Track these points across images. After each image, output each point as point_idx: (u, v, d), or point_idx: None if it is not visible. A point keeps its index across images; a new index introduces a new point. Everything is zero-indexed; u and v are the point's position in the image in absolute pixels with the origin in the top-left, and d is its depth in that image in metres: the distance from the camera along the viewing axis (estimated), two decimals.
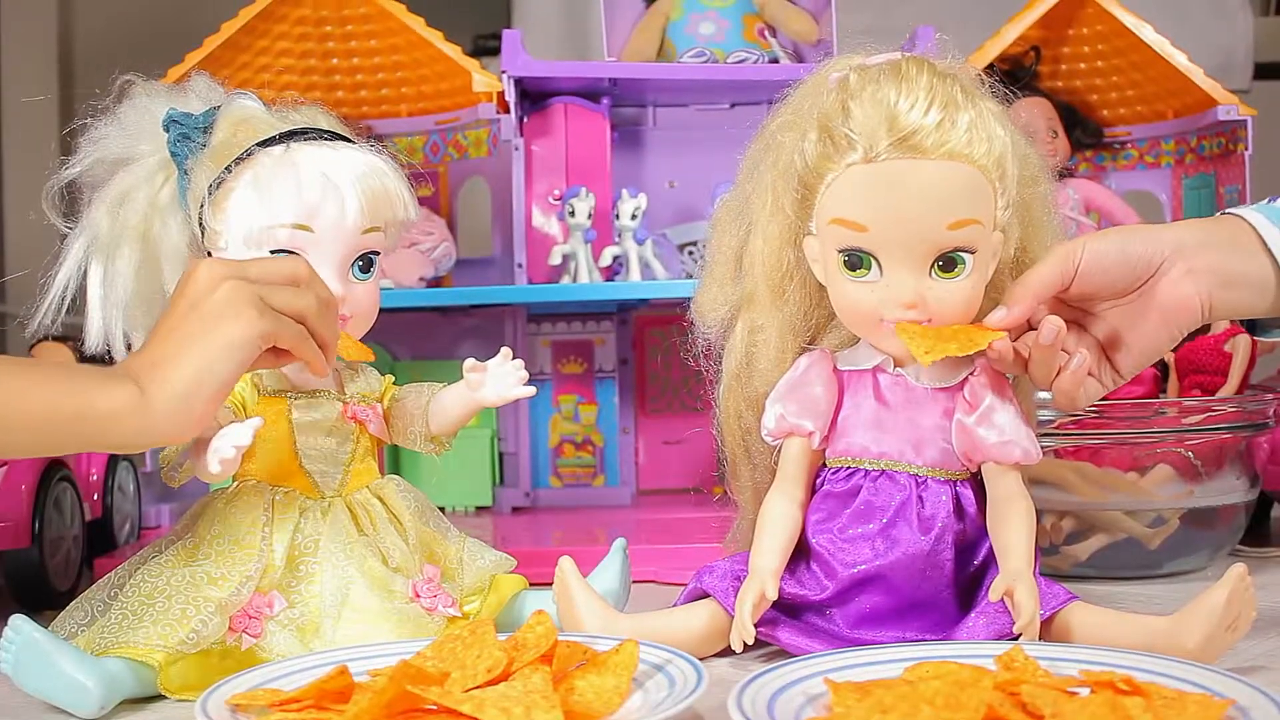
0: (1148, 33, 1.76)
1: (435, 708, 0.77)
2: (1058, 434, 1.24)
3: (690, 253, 1.72)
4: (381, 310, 1.06)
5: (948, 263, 0.94)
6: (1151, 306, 0.95)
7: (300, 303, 0.91)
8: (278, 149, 1.00)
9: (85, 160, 1.04)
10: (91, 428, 0.83)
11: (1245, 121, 1.72)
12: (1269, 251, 0.94)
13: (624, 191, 1.63)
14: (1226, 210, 0.98)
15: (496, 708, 0.74)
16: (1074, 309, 0.99)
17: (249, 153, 1.00)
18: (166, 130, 1.02)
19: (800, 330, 1.03)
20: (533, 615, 0.87)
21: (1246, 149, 1.72)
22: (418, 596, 1.00)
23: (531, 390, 1.05)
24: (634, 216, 1.61)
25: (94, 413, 0.83)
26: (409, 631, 0.96)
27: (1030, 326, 0.97)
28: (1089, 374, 0.97)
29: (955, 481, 0.99)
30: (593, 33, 2.00)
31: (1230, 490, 1.27)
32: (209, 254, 1.02)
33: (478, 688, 0.79)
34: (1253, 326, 1.04)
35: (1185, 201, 1.85)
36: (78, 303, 1.03)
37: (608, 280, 1.63)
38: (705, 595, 1.01)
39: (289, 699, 0.79)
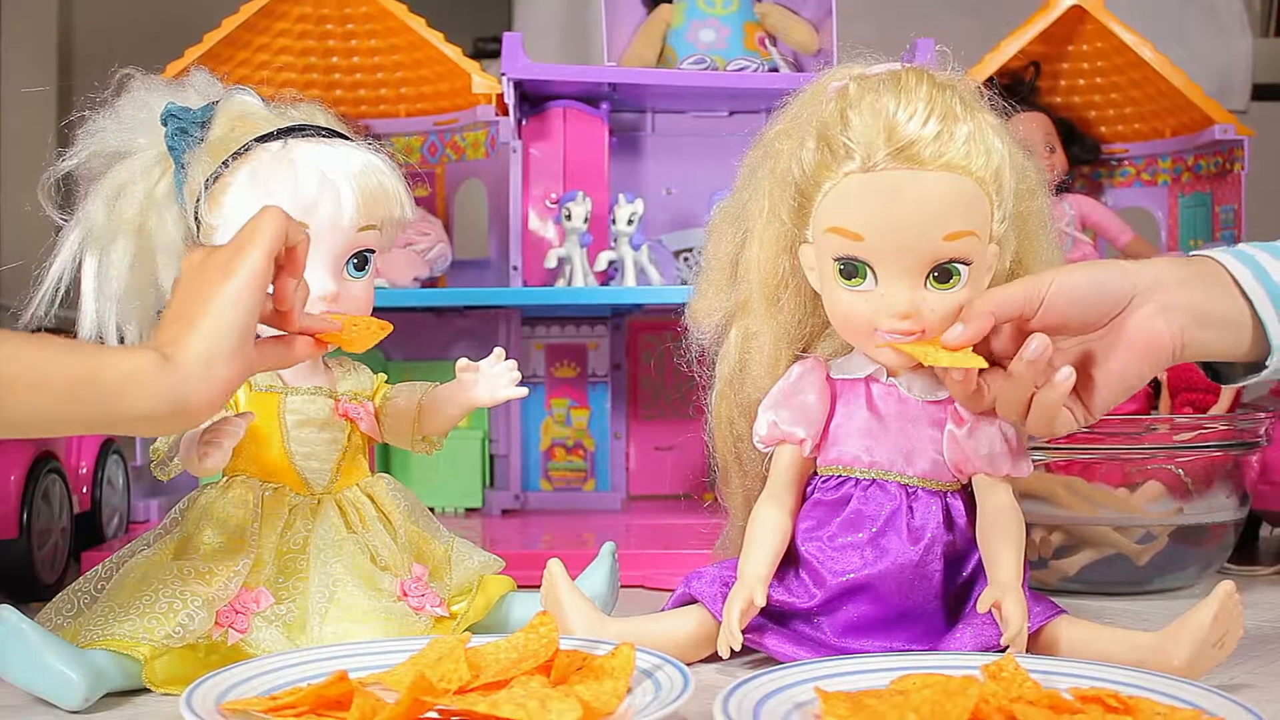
0: (1147, 51, 1.77)
1: (437, 715, 0.77)
2: (1049, 448, 1.24)
3: (686, 259, 1.72)
4: (375, 309, 1.06)
5: (943, 274, 0.94)
6: (1121, 342, 0.91)
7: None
8: (275, 145, 1.00)
9: (82, 152, 1.03)
10: (106, 393, 0.79)
11: (1242, 141, 1.73)
12: (1244, 293, 0.91)
13: (621, 196, 1.63)
14: (1196, 252, 0.95)
15: (512, 703, 0.75)
16: None
17: (246, 148, 1.00)
18: (164, 124, 1.02)
19: (794, 338, 1.03)
20: (536, 616, 0.87)
21: (1243, 169, 1.72)
22: (405, 595, 0.99)
23: (524, 391, 1.05)
24: (630, 222, 1.61)
25: (109, 375, 0.79)
26: (396, 630, 0.96)
27: (999, 360, 0.94)
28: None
29: (945, 493, 0.99)
30: (593, 37, 2.00)
31: (1220, 508, 1.27)
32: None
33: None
34: (1216, 375, 1.00)
35: (1181, 220, 1.86)
36: (71, 295, 1.03)
37: (603, 285, 1.63)
38: (693, 601, 1.01)
39: (285, 705, 0.78)
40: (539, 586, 1.01)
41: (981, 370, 0.93)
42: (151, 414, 0.81)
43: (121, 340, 1.03)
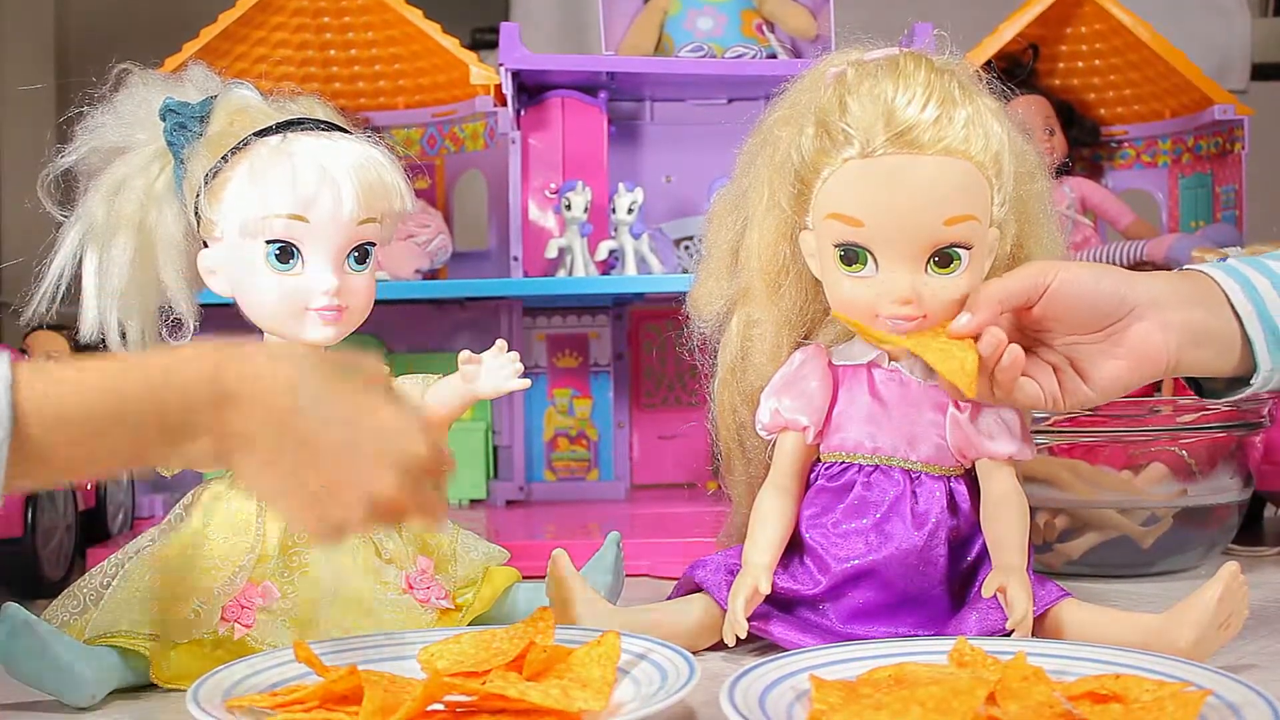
0: (1145, 32, 1.77)
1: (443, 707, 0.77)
2: (1052, 431, 1.24)
3: (686, 247, 1.72)
4: (377, 302, 1.06)
5: (944, 258, 0.94)
6: (1121, 350, 0.92)
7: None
8: (274, 139, 1.00)
9: (81, 148, 1.03)
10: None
11: (1242, 121, 1.73)
12: (1234, 311, 0.92)
13: (620, 186, 1.63)
14: (1188, 266, 0.97)
15: (538, 691, 0.76)
16: (1032, 337, 0.95)
17: (245, 142, 0.99)
18: (163, 119, 1.02)
19: (796, 325, 1.03)
20: (536, 611, 0.87)
21: (1243, 149, 1.72)
22: (411, 588, 1.00)
23: (526, 383, 1.05)
24: (630, 211, 1.61)
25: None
26: (401, 623, 0.96)
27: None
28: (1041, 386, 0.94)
29: (949, 477, 0.99)
30: (590, 27, 2.00)
31: (1224, 489, 1.27)
32: (204, 244, 1.02)
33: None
34: (1199, 389, 1.01)
35: (1182, 201, 1.85)
36: (72, 291, 1.03)
37: (603, 274, 1.63)
38: (698, 589, 1.01)
39: (293, 700, 0.78)
40: (544, 577, 1.01)
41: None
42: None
43: (123, 337, 1.03)
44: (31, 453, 0.71)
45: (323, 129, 1.01)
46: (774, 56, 1.69)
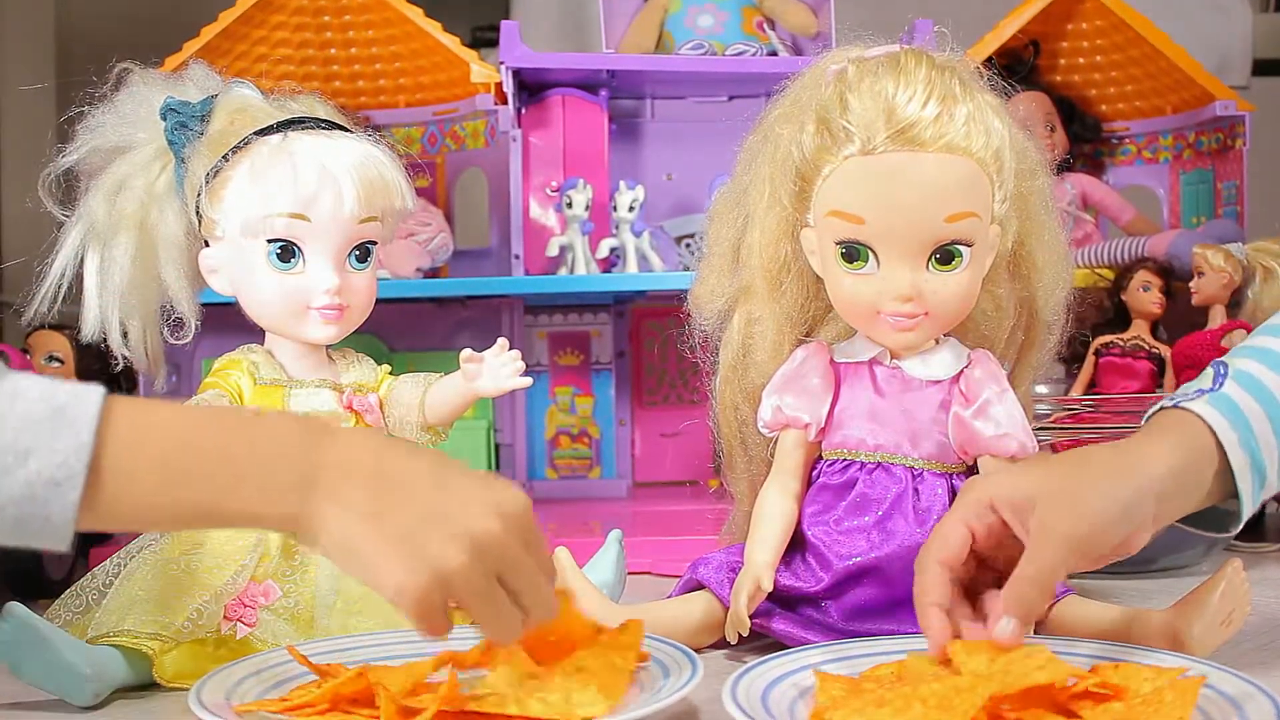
0: (1146, 28, 1.77)
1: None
2: (1054, 428, 1.24)
3: (688, 245, 1.72)
4: (378, 301, 1.06)
5: (945, 255, 0.94)
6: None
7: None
8: (275, 138, 1.00)
9: (82, 148, 1.03)
10: None
11: (1243, 117, 1.72)
12: (1228, 471, 0.85)
13: (621, 183, 1.63)
14: (1186, 406, 0.88)
15: (539, 701, 0.76)
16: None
17: (246, 141, 0.99)
18: (164, 118, 1.02)
19: (797, 322, 1.03)
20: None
21: (1244, 144, 1.72)
22: None
23: (528, 381, 1.05)
24: (631, 208, 1.61)
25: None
26: (402, 621, 0.96)
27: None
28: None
29: (951, 474, 0.99)
30: (591, 25, 2.00)
31: None
32: (206, 243, 1.02)
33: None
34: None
35: (1183, 197, 1.85)
36: (74, 291, 1.03)
37: (605, 272, 1.63)
38: (701, 586, 1.01)
39: (301, 704, 0.78)
40: None
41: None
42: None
43: (124, 336, 1.03)
44: (106, 491, 0.69)
45: (323, 128, 1.02)
46: (775, 54, 1.69)
